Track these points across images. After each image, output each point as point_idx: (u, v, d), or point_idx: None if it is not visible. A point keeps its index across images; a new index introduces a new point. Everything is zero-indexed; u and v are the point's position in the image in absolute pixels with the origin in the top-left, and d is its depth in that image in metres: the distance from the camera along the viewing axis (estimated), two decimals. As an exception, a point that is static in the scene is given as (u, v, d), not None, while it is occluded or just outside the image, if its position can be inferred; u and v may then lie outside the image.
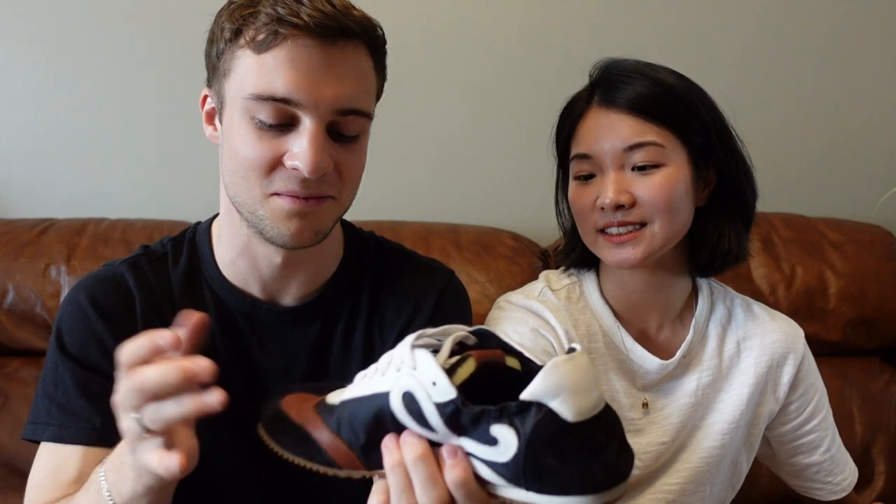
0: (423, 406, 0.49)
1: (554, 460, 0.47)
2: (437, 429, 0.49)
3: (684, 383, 0.96)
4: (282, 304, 0.83)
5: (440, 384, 0.48)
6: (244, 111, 0.71)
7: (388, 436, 0.52)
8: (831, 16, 1.62)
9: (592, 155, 0.89)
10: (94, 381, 0.77)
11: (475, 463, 0.50)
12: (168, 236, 0.87)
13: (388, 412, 0.51)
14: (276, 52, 0.68)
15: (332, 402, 0.55)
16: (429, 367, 0.49)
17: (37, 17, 1.47)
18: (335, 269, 0.86)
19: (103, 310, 0.79)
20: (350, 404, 0.54)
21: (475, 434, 0.49)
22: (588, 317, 0.96)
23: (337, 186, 0.74)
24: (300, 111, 0.69)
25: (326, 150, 0.70)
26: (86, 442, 0.75)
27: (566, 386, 0.46)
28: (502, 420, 0.47)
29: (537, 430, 0.46)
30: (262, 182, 0.71)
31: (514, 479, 0.48)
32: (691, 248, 0.94)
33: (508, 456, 0.47)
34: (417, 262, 0.92)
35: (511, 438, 0.47)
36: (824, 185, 1.67)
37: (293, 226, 0.72)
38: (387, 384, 0.51)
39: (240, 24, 0.70)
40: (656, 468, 0.96)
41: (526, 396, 0.46)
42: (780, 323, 1.00)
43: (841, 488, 1.03)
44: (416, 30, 1.51)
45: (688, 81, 0.90)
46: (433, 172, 1.60)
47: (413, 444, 0.51)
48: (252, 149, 0.70)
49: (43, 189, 1.52)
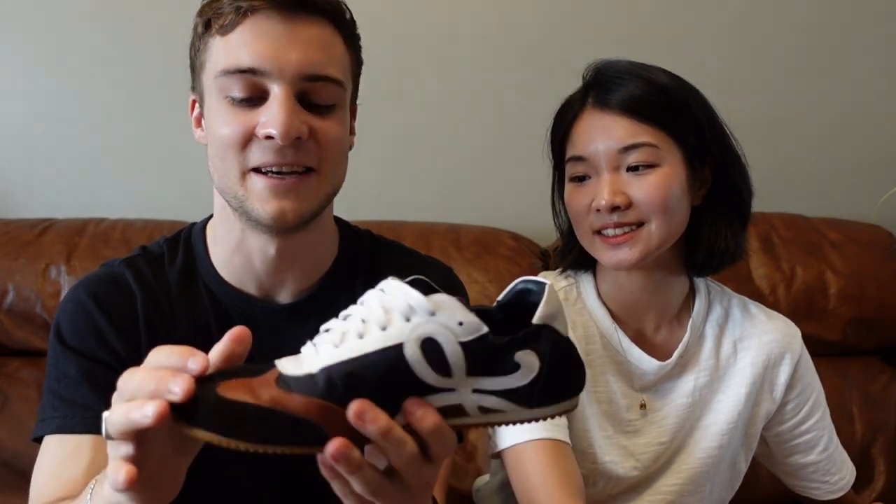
0: (447, 349, 0.49)
1: (563, 373, 0.53)
2: (456, 371, 0.50)
3: (682, 384, 0.96)
4: (277, 301, 0.83)
5: (468, 323, 0.50)
6: (218, 92, 0.73)
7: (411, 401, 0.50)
8: (831, 16, 1.62)
9: (587, 157, 0.89)
10: (98, 372, 0.76)
11: (482, 398, 0.51)
12: (164, 237, 0.87)
13: (401, 364, 0.49)
14: (240, 30, 0.71)
15: (300, 373, 0.51)
16: (454, 308, 0.50)
17: (37, 17, 1.47)
18: (330, 265, 0.86)
19: (105, 306, 0.79)
20: (345, 366, 0.50)
21: (496, 367, 0.51)
22: (585, 318, 0.96)
23: (316, 156, 0.74)
24: (268, 80, 0.71)
25: (298, 116, 0.71)
26: (93, 430, 0.73)
27: (559, 308, 0.52)
28: (525, 346, 0.51)
29: (554, 349, 0.52)
30: (238, 157, 0.72)
31: (524, 400, 0.52)
32: (688, 248, 0.94)
33: (529, 377, 0.51)
34: (415, 258, 0.92)
35: (534, 361, 0.51)
36: (824, 185, 1.67)
37: (274, 205, 0.73)
38: (395, 336, 0.50)
39: (209, 15, 0.74)
40: (655, 469, 0.96)
41: (538, 320, 0.51)
42: (777, 323, 1.00)
43: (838, 487, 1.03)
44: (416, 30, 1.51)
45: (681, 81, 0.90)
46: (433, 172, 1.60)
47: (376, 418, 0.49)
48: (228, 126, 0.72)
49: (43, 189, 1.52)
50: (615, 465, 0.94)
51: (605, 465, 0.93)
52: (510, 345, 0.50)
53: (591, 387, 0.94)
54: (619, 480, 0.95)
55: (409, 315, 0.50)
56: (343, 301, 0.84)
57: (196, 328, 0.80)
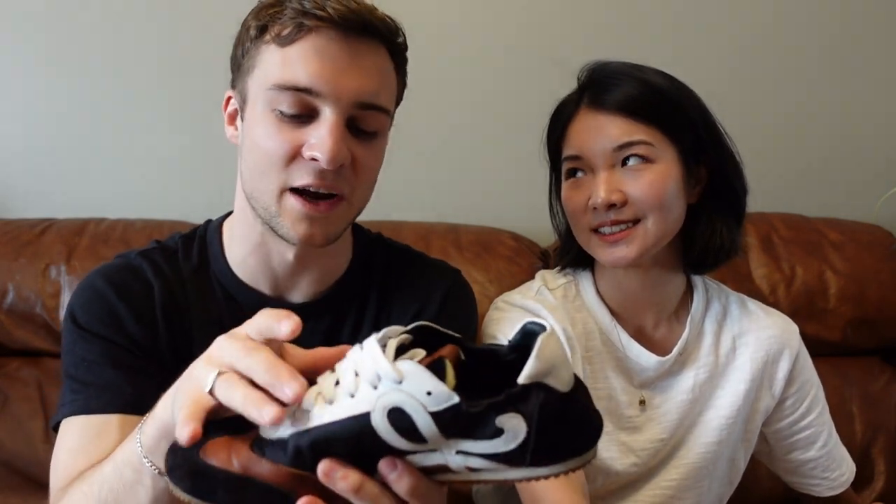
0: (417, 419, 0.46)
1: (559, 432, 0.48)
2: (430, 437, 0.47)
3: (681, 380, 0.97)
4: (290, 300, 0.83)
5: (437, 392, 0.46)
6: (266, 103, 0.72)
7: (384, 461, 0.48)
8: (831, 16, 1.62)
9: (583, 156, 0.90)
10: (119, 353, 0.76)
11: (468, 459, 0.48)
12: (179, 233, 0.88)
13: (367, 433, 0.47)
14: (300, 45, 0.70)
15: (274, 437, 0.50)
16: (421, 378, 0.46)
17: (37, 18, 1.47)
18: (345, 269, 0.86)
19: (123, 293, 0.79)
20: (312, 433, 0.48)
21: (477, 431, 0.47)
22: (585, 315, 0.97)
23: (351, 183, 0.74)
24: (321, 102, 0.70)
25: (345, 142, 0.71)
26: (119, 410, 0.72)
27: (554, 361, 0.47)
28: (507, 409, 0.46)
29: (544, 410, 0.47)
30: (280, 174, 0.72)
31: (516, 461, 0.48)
32: (684, 245, 0.95)
33: (517, 442, 0.47)
34: (425, 261, 0.93)
35: (519, 424, 0.47)
36: (824, 185, 1.67)
37: (304, 228, 0.73)
38: (362, 405, 0.47)
39: (266, 21, 0.72)
40: (654, 465, 0.96)
41: (524, 380, 0.46)
42: (775, 319, 1.01)
43: (838, 483, 1.04)
44: (416, 29, 1.51)
45: (675, 81, 0.91)
46: (433, 172, 1.60)
47: (346, 475, 0.48)
48: (272, 140, 0.71)
49: (43, 189, 1.52)
50: (614, 461, 0.94)
51: (604, 461, 0.94)
52: (489, 409, 0.46)
53: (592, 384, 0.94)
54: (618, 476, 0.95)
55: (376, 383, 0.47)
56: (356, 303, 0.85)
57: (209, 322, 0.80)
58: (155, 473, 0.58)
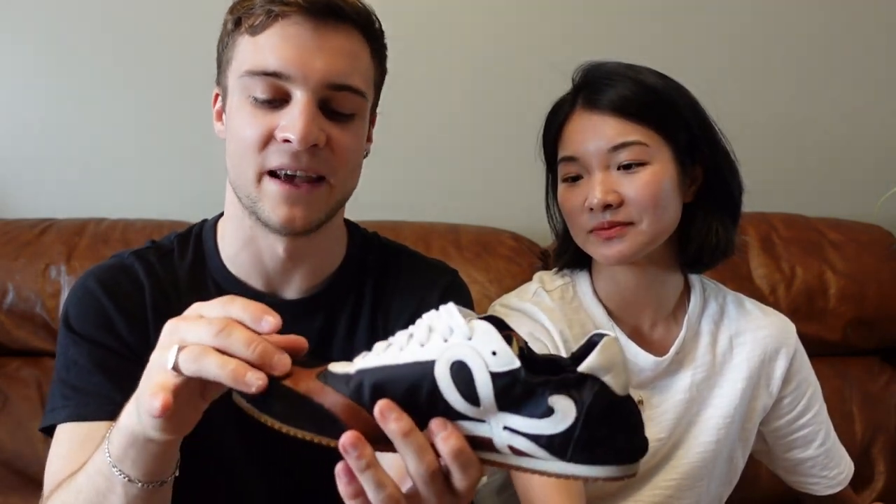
0: (477, 376, 0.48)
1: (605, 431, 0.49)
2: (484, 401, 0.49)
3: (678, 380, 0.97)
4: (284, 297, 0.84)
5: (502, 354, 0.48)
6: (241, 91, 0.74)
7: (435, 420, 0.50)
8: (832, 16, 1.62)
9: (578, 157, 0.90)
10: (109, 358, 0.77)
11: (513, 437, 0.50)
12: (175, 232, 0.88)
13: (428, 382, 0.49)
14: (269, 32, 0.72)
15: (340, 371, 0.52)
16: (490, 337, 0.49)
17: (37, 18, 1.47)
18: (338, 266, 0.86)
19: (113, 293, 0.80)
20: (377, 372, 0.51)
21: (527, 406, 0.49)
22: (582, 316, 0.97)
23: (330, 165, 0.75)
24: (291, 85, 0.72)
25: (317, 123, 0.72)
26: (108, 417, 0.72)
27: (616, 363, 0.49)
28: (562, 390, 0.48)
29: (595, 402, 0.48)
30: (256, 158, 0.73)
31: (558, 451, 0.49)
32: (680, 244, 0.95)
33: (564, 426, 0.48)
34: (421, 261, 0.93)
35: (570, 408, 0.48)
36: (824, 185, 1.67)
37: (284, 211, 0.74)
38: (430, 353, 0.50)
39: (240, 13, 0.74)
40: (653, 465, 0.96)
41: (583, 369, 0.48)
42: (772, 318, 1.01)
43: (837, 482, 1.04)
44: (416, 29, 1.51)
45: (670, 81, 0.91)
46: (433, 172, 1.60)
47: (401, 417, 0.49)
48: (249, 126, 0.73)
49: (43, 189, 1.52)
50: (613, 461, 0.94)
51: (603, 461, 0.94)
52: (544, 385, 0.48)
53: (590, 384, 0.94)
54: (616, 476, 0.95)
55: (447, 336, 0.50)
56: (350, 300, 0.86)
57: None
58: (125, 481, 0.58)
